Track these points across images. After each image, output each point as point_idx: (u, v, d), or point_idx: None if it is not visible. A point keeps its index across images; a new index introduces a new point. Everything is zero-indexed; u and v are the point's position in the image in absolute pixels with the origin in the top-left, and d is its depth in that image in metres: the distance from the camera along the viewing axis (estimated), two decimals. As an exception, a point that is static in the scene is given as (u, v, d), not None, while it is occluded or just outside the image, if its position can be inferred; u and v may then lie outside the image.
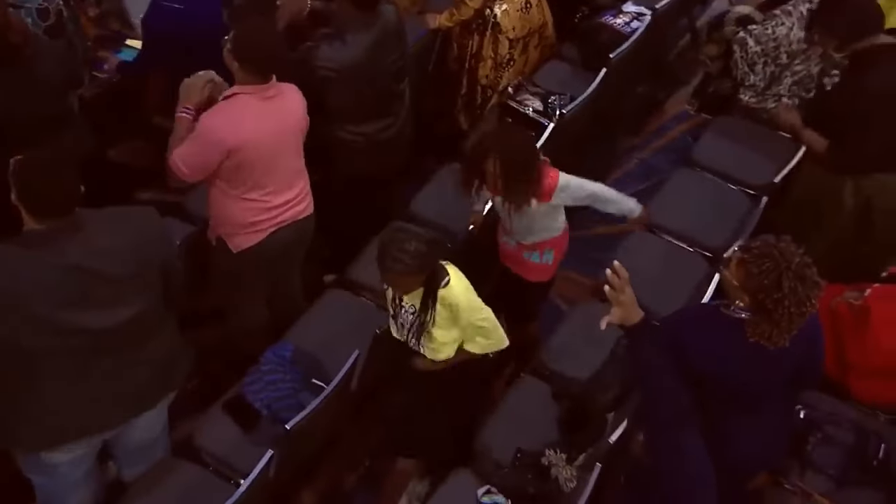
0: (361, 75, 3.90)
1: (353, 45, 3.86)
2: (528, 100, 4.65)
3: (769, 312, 2.66)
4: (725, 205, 4.38)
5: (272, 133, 3.50)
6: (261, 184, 3.58)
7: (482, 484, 3.44)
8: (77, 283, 2.85)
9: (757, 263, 2.65)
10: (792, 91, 4.59)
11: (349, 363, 3.51)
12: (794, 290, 2.61)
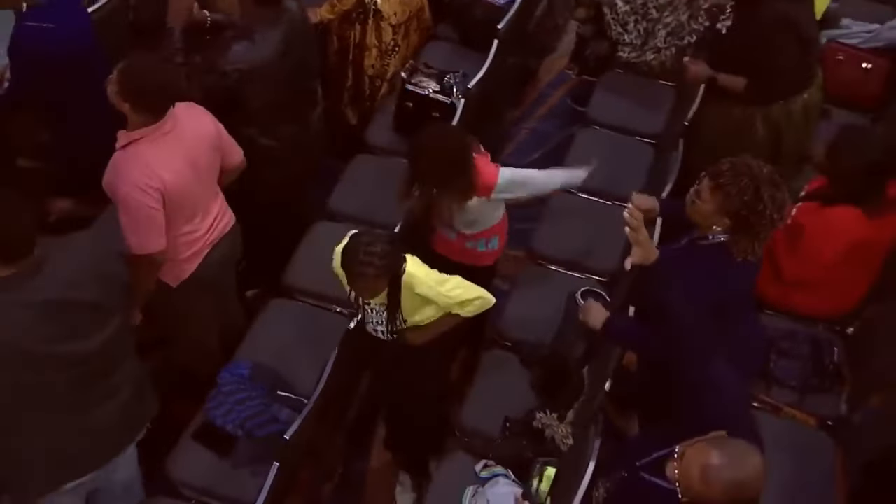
0: (275, 74, 3.87)
1: (262, 43, 3.82)
2: (424, 81, 4.72)
3: (751, 227, 2.88)
4: (632, 156, 4.64)
5: (186, 165, 3.39)
6: (188, 216, 3.51)
7: (478, 461, 3.53)
8: (58, 316, 2.80)
9: (734, 183, 2.86)
10: (668, 42, 4.90)
11: (329, 365, 3.50)
12: (773, 197, 2.84)
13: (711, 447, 2.40)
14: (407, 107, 4.70)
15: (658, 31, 4.87)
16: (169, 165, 3.32)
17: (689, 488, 2.41)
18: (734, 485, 2.38)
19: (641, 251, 2.82)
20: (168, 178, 3.31)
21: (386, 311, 3.29)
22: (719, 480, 2.38)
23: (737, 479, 2.38)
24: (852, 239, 3.56)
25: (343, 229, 4.26)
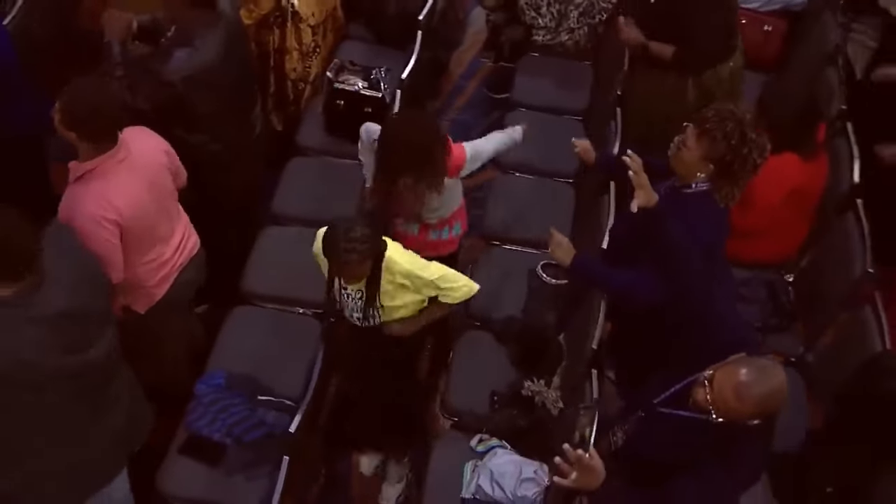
0: (220, 78, 3.87)
1: (203, 48, 3.82)
2: (352, 79, 4.80)
3: (733, 173, 3.08)
4: (562, 133, 4.82)
5: (143, 192, 3.39)
6: (150, 243, 3.51)
7: (471, 437, 3.65)
8: (65, 328, 2.80)
9: (720, 128, 3.05)
10: (580, 22, 5.14)
11: (318, 360, 3.55)
12: (756, 141, 3.06)
13: (739, 367, 2.60)
14: (338, 105, 4.77)
15: (570, 11, 5.10)
16: (125, 195, 3.30)
17: (724, 407, 2.60)
18: (765, 397, 2.58)
19: (644, 194, 2.99)
20: (125, 209, 3.30)
21: (363, 297, 3.35)
22: (751, 395, 2.57)
23: (767, 391, 2.59)
24: (794, 184, 3.84)
25: (292, 233, 4.41)
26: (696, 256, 2.95)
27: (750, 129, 3.07)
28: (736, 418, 2.61)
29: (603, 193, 3.99)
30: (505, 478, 3.44)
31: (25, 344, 2.71)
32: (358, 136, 4.71)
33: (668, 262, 2.94)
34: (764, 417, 2.62)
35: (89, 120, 3.18)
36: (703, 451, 2.66)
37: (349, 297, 3.40)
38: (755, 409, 2.59)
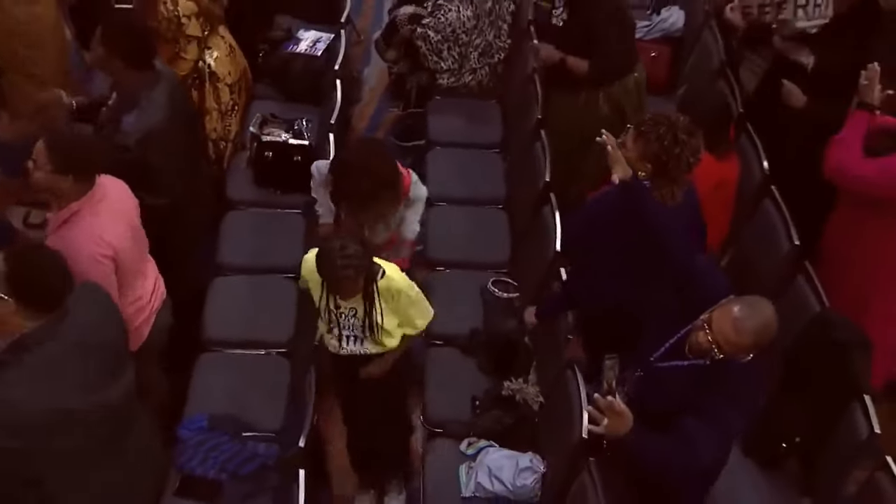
0: (170, 133, 4.05)
1: (150, 108, 3.99)
2: (276, 131, 5.05)
3: (669, 171, 3.47)
4: (484, 165, 5.23)
5: (126, 229, 3.57)
6: (131, 281, 3.65)
7: (460, 442, 3.89)
8: (89, 361, 2.93)
9: (654, 131, 3.45)
10: (481, 62, 5.56)
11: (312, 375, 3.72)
12: (687, 142, 3.47)
13: (732, 305, 2.97)
14: (267, 157, 4.99)
15: (470, 53, 5.53)
16: (112, 231, 3.48)
17: (725, 343, 2.95)
18: (760, 328, 2.96)
19: (622, 167, 3.34)
20: (115, 244, 3.47)
21: (360, 315, 3.57)
22: (747, 328, 2.94)
23: (760, 323, 2.97)
24: (714, 180, 4.30)
25: (242, 281, 4.60)
26: (672, 219, 3.35)
27: (682, 132, 3.47)
28: (736, 352, 2.97)
29: (544, 205, 4.36)
30: (503, 471, 3.69)
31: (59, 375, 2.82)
32: (289, 185, 5.02)
33: (650, 226, 3.31)
34: (759, 349, 3.00)
35: (83, 161, 3.36)
36: (707, 394, 3.01)
37: (343, 316, 3.60)
38: (752, 340, 2.96)
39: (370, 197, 3.82)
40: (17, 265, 2.89)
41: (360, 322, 3.57)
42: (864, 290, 4.05)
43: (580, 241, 3.73)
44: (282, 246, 4.75)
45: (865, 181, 3.90)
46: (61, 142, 3.38)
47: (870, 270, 4.06)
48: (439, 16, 5.42)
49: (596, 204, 3.75)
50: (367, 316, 3.56)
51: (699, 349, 3.02)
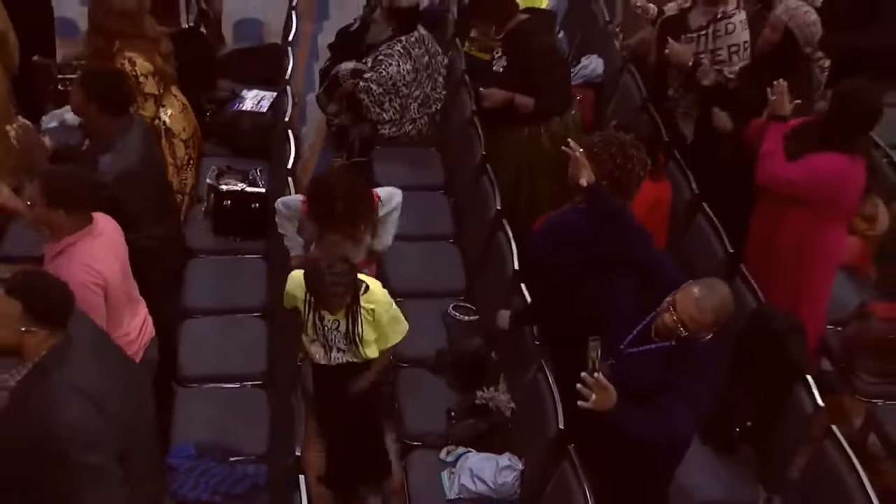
0: (144, 176, 4.28)
1: (125, 150, 4.21)
2: (232, 181, 5.33)
3: (622, 185, 3.85)
4: (432, 204, 5.57)
5: (117, 263, 3.79)
6: (119, 315, 3.84)
7: (439, 452, 4.15)
8: (124, 377, 3.13)
9: (606, 150, 3.83)
10: (420, 112, 5.96)
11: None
12: (636, 156, 3.86)
13: (693, 287, 3.34)
14: (225, 206, 5.27)
15: (410, 104, 5.91)
16: (104, 263, 3.70)
17: (689, 321, 3.30)
18: (719, 305, 3.33)
19: (587, 172, 3.70)
20: (107, 275, 3.69)
21: (344, 326, 3.85)
22: (708, 306, 3.30)
23: (720, 300, 3.34)
24: (650, 201, 4.72)
25: (211, 322, 4.82)
26: (633, 218, 3.73)
27: (630, 148, 3.88)
28: (699, 329, 3.33)
29: (498, 231, 4.72)
30: (484, 472, 3.96)
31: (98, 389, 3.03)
32: (248, 232, 5.30)
33: (617, 224, 3.68)
34: (718, 326, 3.37)
35: (75, 196, 3.59)
36: (675, 372, 3.35)
37: (328, 329, 3.87)
38: (713, 317, 3.32)
39: (344, 217, 4.11)
40: (24, 277, 3.10)
41: (342, 335, 3.85)
42: (791, 277, 4.47)
43: (548, 257, 4.06)
44: (246, 288, 5.01)
45: (792, 183, 4.35)
46: (53, 178, 3.63)
47: (794, 259, 4.48)
48: (381, 70, 5.80)
49: (558, 221, 4.10)
50: (350, 328, 3.82)
51: (665, 330, 3.38)
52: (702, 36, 5.13)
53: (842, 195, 4.43)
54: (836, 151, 4.29)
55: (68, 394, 3.00)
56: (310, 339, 3.96)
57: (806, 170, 4.36)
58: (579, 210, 3.90)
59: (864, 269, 5.09)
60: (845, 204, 4.51)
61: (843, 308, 4.84)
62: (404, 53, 5.81)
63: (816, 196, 4.38)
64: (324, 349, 3.94)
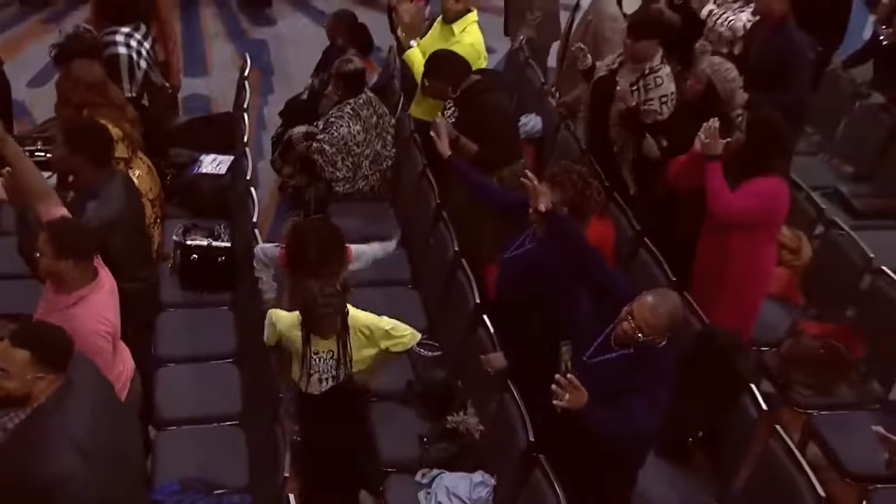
0: (128, 222, 4.53)
1: (108, 198, 4.45)
2: (198, 237, 5.59)
3: (581, 210, 4.25)
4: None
5: (117, 308, 4.03)
6: (116, 361, 4.06)
7: (414, 475, 4.40)
8: (119, 421, 3.39)
9: (567, 178, 4.25)
10: (372, 169, 6.31)
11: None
12: (593, 184, 4.29)
13: (646, 297, 3.69)
14: (193, 260, 5.51)
15: (362, 162, 6.26)
16: (110, 310, 3.95)
17: (645, 327, 3.65)
18: (672, 310, 3.69)
19: (545, 198, 4.05)
20: (113, 321, 3.94)
21: (336, 354, 4.12)
22: (662, 313, 3.66)
23: (671, 307, 3.71)
24: (593, 238, 5.07)
25: (184, 368, 5.03)
26: (588, 242, 4.09)
27: (588, 176, 4.31)
28: (654, 335, 3.68)
29: (457, 270, 5.04)
30: (459, 489, 4.22)
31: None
32: (215, 285, 5.54)
33: (577, 245, 4.03)
34: (672, 331, 3.72)
35: (83, 246, 3.85)
36: (636, 376, 3.68)
37: (321, 360, 4.15)
38: (667, 321, 3.68)
39: (319, 262, 4.40)
40: (28, 327, 3.37)
41: (334, 362, 4.12)
42: (740, 298, 4.87)
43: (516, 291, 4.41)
44: (216, 337, 5.24)
45: (747, 210, 4.76)
46: (60, 230, 3.85)
47: (741, 280, 4.87)
48: (332, 131, 6.15)
49: (518, 257, 4.44)
50: (341, 351, 4.11)
51: (625, 337, 3.72)
52: (634, 91, 5.59)
53: (780, 213, 4.91)
54: (765, 176, 4.73)
55: (63, 444, 3.20)
56: (301, 374, 4.20)
57: (754, 196, 4.77)
58: (536, 240, 4.26)
59: (792, 296, 5.50)
60: (780, 221, 4.97)
61: (776, 332, 5.24)
62: (354, 115, 6.17)
63: (765, 217, 4.83)
64: (317, 380, 4.19)
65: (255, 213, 5.48)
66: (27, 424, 3.24)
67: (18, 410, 3.31)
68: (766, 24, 6.17)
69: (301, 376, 4.21)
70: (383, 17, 7.69)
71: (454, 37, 6.11)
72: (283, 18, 9.93)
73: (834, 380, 4.88)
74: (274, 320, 4.27)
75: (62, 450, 3.16)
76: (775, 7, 6.10)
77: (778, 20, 6.10)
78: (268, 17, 9.92)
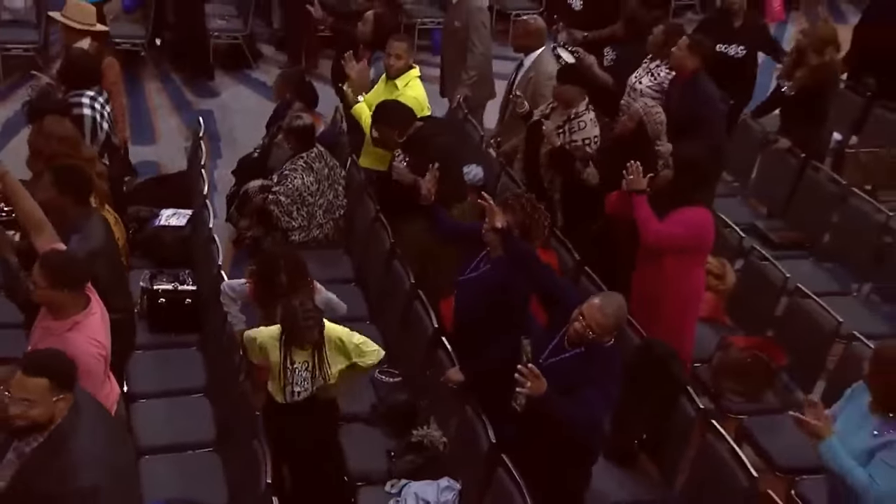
0: (110, 252, 4.83)
1: (91, 232, 4.73)
2: (165, 282, 5.88)
3: (531, 233, 4.70)
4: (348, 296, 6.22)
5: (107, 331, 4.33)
6: (105, 382, 4.33)
7: (383, 486, 4.71)
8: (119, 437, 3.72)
9: (517, 201, 4.73)
10: (326, 217, 6.68)
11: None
12: (541, 209, 4.78)
13: (595, 299, 4.14)
14: (160, 304, 5.80)
15: (316, 211, 6.63)
16: (102, 332, 4.23)
17: (595, 325, 4.07)
18: (617, 309, 4.14)
19: (500, 217, 4.49)
20: (105, 343, 4.22)
21: (312, 365, 4.45)
22: (610, 312, 4.10)
23: (617, 306, 4.17)
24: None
25: (157, 402, 5.29)
26: (539, 256, 4.51)
27: (535, 202, 4.77)
28: (603, 332, 4.09)
29: (414, 300, 5.42)
30: (427, 494, 4.55)
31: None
32: (182, 326, 5.83)
33: (526, 258, 4.45)
34: (618, 329, 4.14)
35: (77, 275, 4.14)
36: (588, 372, 4.08)
37: (297, 371, 4.47)
38: (614, 320, 4.11)
39: (288, 284, 4.74)
40: (41, 355, 3.68)
41: (310, 373, 4.45)
42: (674, 318, 5.31)
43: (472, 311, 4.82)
44: (186, 373, 5.52)
45: (675, 236, 5.23)
46: (52, 262, 4.15)
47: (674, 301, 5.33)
48: (287, 183, 6.52)
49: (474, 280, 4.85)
50: (317, 362, 4.44)
51: (577, 336, 4.13)
52: (560, 132, 6.11)
53: (708, 238, 5.39)
54: (690, 206, 5.22)
55: (87, 460, 3.50)
56: (278, 385, 4.51)
57: (681, 224, 5.25)
58: (491, 262, 4.68)
59: (719, 317, 5.98)
60: (708, 247, 5.44)
61: (706, 350, 5.69)
62: (306, 167, 6.57)
63: (694, 242, 5.30)
64: (291, 391, 4.52)
65: (220, 256, 5.80)
66: (48, 447, 3.50)
67: (36, 435, 3.56)
68: (681, 79, 6.76)
69: (278, 388, 4.51)
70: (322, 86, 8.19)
71: (398, 90, 6.59)
72: (227, 90, 10.23)
73: (761, 387, 5.33)
74: (253, 336, 4.59)
75: (88, 465, 3.45)
76: (688, 63, 6.70)
77: (690, 75, 6.70)
78: (211, 90, 10.21)
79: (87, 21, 6.93)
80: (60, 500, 3.42)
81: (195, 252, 6.31)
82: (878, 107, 8.02)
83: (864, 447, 3.88)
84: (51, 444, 3.52)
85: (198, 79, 10.25)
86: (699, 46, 6.68)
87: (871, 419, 3.92)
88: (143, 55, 10.22)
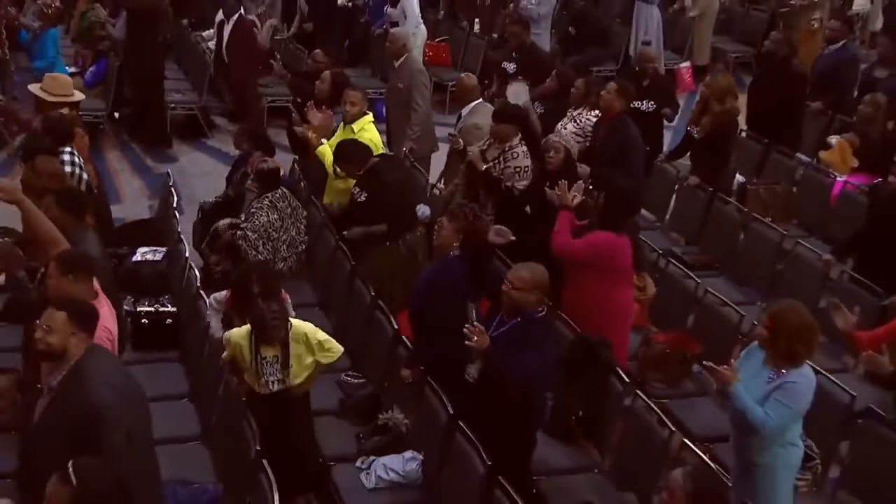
0: (104, 266, 5.39)
1: (87, 245, 5.28)
2: (146, 306, 6.44)
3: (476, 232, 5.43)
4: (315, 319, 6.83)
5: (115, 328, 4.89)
6: None
7: (354, 463, 5.30)
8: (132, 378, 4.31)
9: (461, 212, 5.46)
10: (289, 251, 7.31)
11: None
12: (483, 218, 5.49)
13: (514, 270, 4.93)
14: (143, 325, 6.36)
15: (281, 246, 7.26)
16: (109, 320, 4.77)
17: (516, 280, 4.86)
18: (535, 269, 4.92)
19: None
20: (113, 330, 4.77)
21: (280, 360, 5.03)
22: (525, 271, 4.90)
23: (534, 267, 4.94)
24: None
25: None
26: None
27: (478, 211, 5.51)
28: (524, 287, 4.87)
29: (375, 310, 6.07)
30: (394, 464, 5.14)
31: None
32: (164, 344, 6.39)
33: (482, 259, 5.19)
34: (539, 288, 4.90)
35: (83, 265, 4.69)
36: (528, 337, 4.78)
37: (268, 363, 5.04)
38: (530, 274, 4.90)
39: (261, 293, 5.36)
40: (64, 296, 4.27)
41: (279, 365, 5.02)
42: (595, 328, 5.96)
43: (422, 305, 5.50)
44: (169, 382, 6.05)
45: (576, 252, 5.93)
46: (63, 253, 4.76)
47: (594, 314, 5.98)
48: (254, 220, 7.17)
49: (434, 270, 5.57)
50: (283, 357, 5.01)
51: (510, 304, 4.89)
52: (496, 163, 6.91)
53: (614, 260, 6.01)
54: (606, 230, 5.94)
55: (99, 382, 4.10)
56: (253, 378, 5.10)
57: (585, 243, 5.96)
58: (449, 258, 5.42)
59: (643, 323, 6.70)
60: (621, 268, 6.13)
61: (632, 349, 6.40)
62: (271, 206, 7.21)
63: (596, 261, 5.94)
64: (265, 382, 5.08)
65: (198, 280, 6.40)
66: (70, 377, 4.11)
67: (59, 370, 4.15)
68: (607, 119, 7.63)
69: (254, 380, 5.09)
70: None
71: (354, 134, 7.37)
72: (184, 155, 10.83)
73: (679, 374, 6.05)
74: (228, 336, 5.18)
75: (99, 386, 4.06)
76: (615, 105, 7.60)
77: (616, 116, 7.57)
78: (169, 156, 10.80)
79: (65, 92, 7.52)
80: (83, 411, 3.99)
81: (173, 279, 6.87)
82: (775, 152, 8.98)
83: (761, 394, 4.60)
84: (70, 375, 4.11)
85: (155, 145, 10.85)
86: (626, 91, 7.66)
87: (764, 370, 4.65)
88: (102, 127, 10.81)
